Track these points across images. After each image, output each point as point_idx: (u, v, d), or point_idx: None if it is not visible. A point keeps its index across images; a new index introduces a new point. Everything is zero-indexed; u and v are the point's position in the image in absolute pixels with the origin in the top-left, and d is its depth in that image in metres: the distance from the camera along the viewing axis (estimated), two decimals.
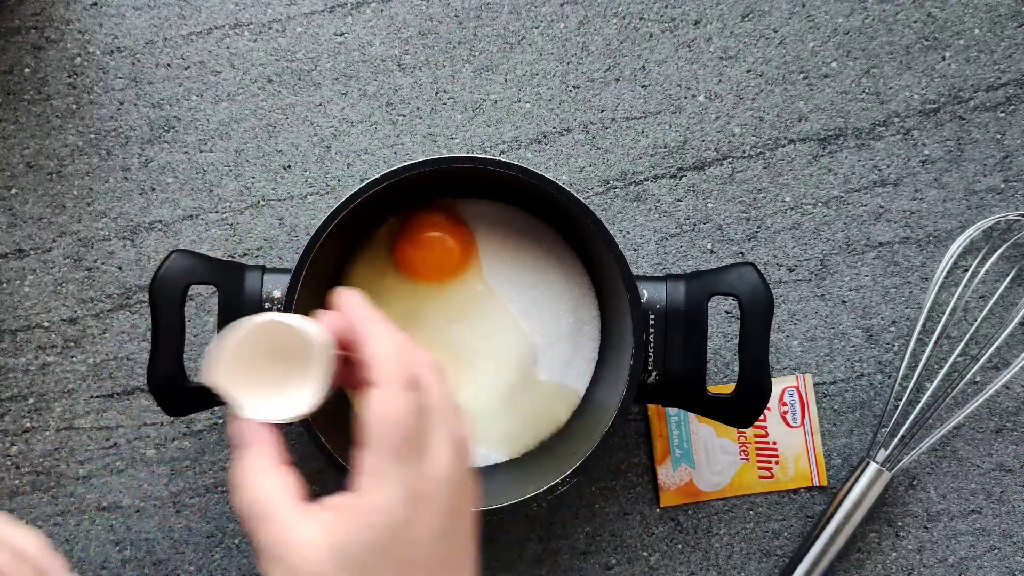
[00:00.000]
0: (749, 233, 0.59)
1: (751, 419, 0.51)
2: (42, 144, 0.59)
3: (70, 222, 0.59)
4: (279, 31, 0.59)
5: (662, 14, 0.60)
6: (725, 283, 0.51)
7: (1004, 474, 0.59)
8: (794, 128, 0.59)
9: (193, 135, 0.59)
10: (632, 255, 0.59)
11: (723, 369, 0.59)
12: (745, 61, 0.60)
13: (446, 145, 0.59)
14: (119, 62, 0.59)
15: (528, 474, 0.53)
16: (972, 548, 0.59)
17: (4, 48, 0.59)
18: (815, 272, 0.59)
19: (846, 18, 0.60)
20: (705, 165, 0.59)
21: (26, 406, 0.58)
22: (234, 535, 0.58)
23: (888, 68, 0.60)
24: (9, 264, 0.59)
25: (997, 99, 0.60)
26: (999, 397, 0.59)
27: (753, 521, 0.59)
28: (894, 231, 0.59)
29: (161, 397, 0.51)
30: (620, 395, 0.49)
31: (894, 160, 0.59)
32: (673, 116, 0.59)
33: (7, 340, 0.58)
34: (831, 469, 0.59)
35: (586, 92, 0.59)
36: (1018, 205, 0.59)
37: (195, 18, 0.59)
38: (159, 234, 0.59)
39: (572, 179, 0.59)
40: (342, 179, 0.59)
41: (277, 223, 0.59)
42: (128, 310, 0.59)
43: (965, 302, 0.59)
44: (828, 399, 0.59)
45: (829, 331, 0.59)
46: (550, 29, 0.60)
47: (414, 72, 0.59)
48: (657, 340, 0.51)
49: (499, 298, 0.55)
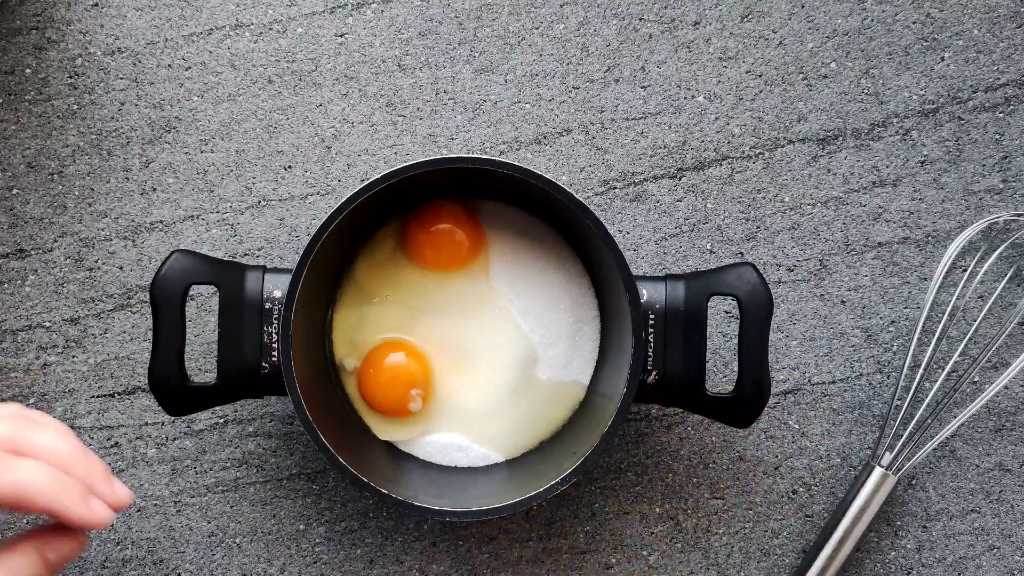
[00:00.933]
0: (748, 233, 0.59)
1: (751, 419, 0.51)
2: (43, 144, 0.59)
3: (71, 222, 0.59)
4: (280, 32, 0.59)
5: (662, 15, 0.60)
6: (725, 283, 0.51)
7: (1003, 474, 0.59)
8: (793, 129, 0.60)
9: (194, 135, 0.59)
10: (632, 255, 0.59)
11: (723, 369, 0.59)
12: (744, 62, 0.60)
13: (446, 146, 0.60)
14: (120, 63, 0.59)
15: (528, 474, 0.53)
16: (971, 548, 0.59)
17: (5, 49, 0.59)
18: (814, 272, 0.59)
19: (845, 19, 0.60)
20: (705, 165, 0.59)
21: (26, 406, 0.58)
22: (235, 535, 0.58)
23: (887, 69, 0.60)
24: (10, 264, 0.59)
25: (996, 99, 0.60)
26: (998, 397, 0.59)
27: (753, 521, 0.59)
28: (893, 231, 0.59)
29: (162, 397, 0.51)
30: (620, 395, 0.49)
31: (893, 160, 0.60)
32: (673, 116, 0.60)
33: (8, 340, 0.58)
34: (830, 469, 0.59)
35: (586, 93, 0.60)
36: (1017, 205, 0.59)
37: (196, 19, 0.60)
38: (160, 234, 0.59)
39: (572, 179, 0.60)
40: (343, 179, 0.59)
41: (278, 223, 0.59)
42: (129, 310, 0.59)
43: (964, 302, 0.59)
44: (828, 399, 0.59)
45: (828, 331, 0.59)
46: (550, 30, 0.60)
47: (414, 73, 0.60)
48: (657, 340, 0.51)
49: (499, 297, 0.55)
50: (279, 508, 0.58)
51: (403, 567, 0.58)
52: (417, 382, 0.54)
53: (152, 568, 0.58)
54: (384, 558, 0.58)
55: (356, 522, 0.59)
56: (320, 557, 0.58)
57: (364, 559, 0.58)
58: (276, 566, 0.58)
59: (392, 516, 0.59)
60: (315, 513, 0.58)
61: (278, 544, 0.58)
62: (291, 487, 0.58)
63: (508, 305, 0.55)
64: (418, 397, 0.54)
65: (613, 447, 0.59)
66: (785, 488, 0.59)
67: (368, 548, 0.59)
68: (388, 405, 0.54)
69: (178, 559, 0.58)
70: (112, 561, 0.58)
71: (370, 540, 0.59)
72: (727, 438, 0.59)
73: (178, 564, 0.58)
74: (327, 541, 0.58)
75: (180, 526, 0.58)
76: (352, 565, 0.58)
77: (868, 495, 0.56)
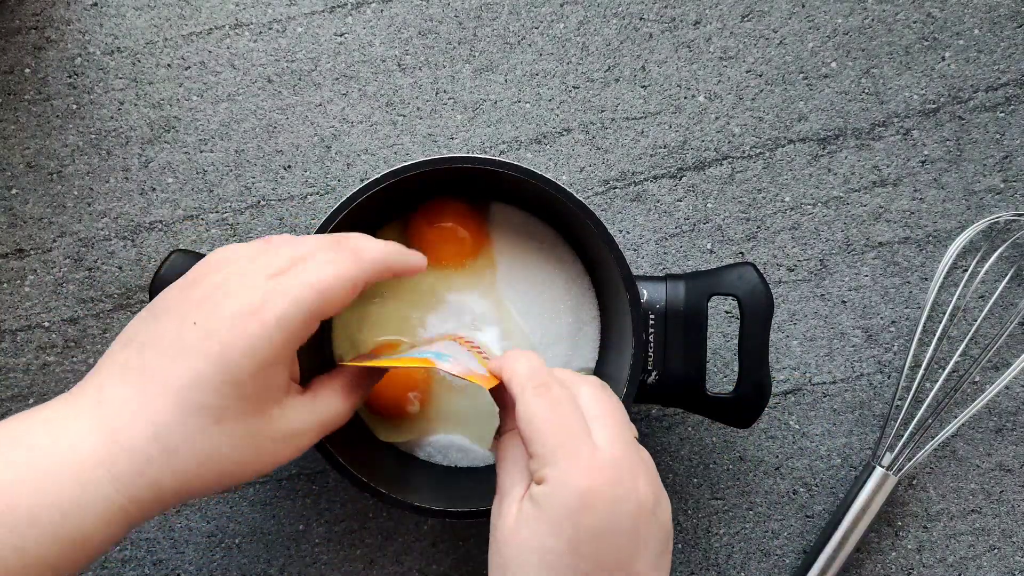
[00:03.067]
0: (749, 233, 0.59)
1: (751, 419, 0.51)
2: (42, 144, 0.59)
3: (70, 222, 0.59)
4: (279, 31, 0.59)
5: (662, 14, 0.60)
6: (725, 283, 0.51)
7: (1004, 474, 0.59)
8: (794, 128, 0.59)
9: (193, 135, 0.59)
10: (632, 255, 0.59)
11: (723, 369, 0.59)
12: (745, 61, 0.60)
13: (446, 145, 0.60)
14: (119, 62, 0.59)
15: None
16: (971, 548, 0.59)
17: (4, 48, 0.59)
18: (815, 272, 0.59)
19: (846, 18, 0.60)
20: (705, 165, 0.59)
21: (27, 406, 0.58)
22: (234, 535, 0.58)
23: (888, 68, 0.60)
24: (9, 264, 0.59)
25: (997, 99, 0.60)
26: (999, 397, 0.59)
27: (753, 521, 0.59)
28: (894, 231, 0.59)
29: None
30: (620, 395, 0.49)
31: (894, 160, 0.59)
32: (673, 116, 0.59)
33: (7, 340, 0.58)
34: (831, 469, 0.59)
35: (586, 92, 0.59)
36: (1017, 205, 0.59)
37: (195, 18, 0.59)
38: (159, 234, 0.59)
39: (572, 179, 0.59)
40: (342, 179, 0.59)
41: (277, 223, 0.59)
42: (129, 310, 0.59)
43: (965, 302, 0.59)
44: (828, 399, 0.59)
45: (829, 331, 0.59)
46: (550, 29, 0.60)
47: (414, 72, 0.59)
48: (657, 340, 0.51)
49: (500, 297, 0.55)
50: (279, 508, 0.58)
51: (403, 567, 0.58)
52: (414, 384, 0.54)
53: (152, 568, 0.58)
54: (384, 558, 0.58)
55: (356, 522, 0.59)
56: (320, 557, 0.58)
57: (364, 559, 0.58)
58: (276, 566, 0.58)
59: (392, 516, 0.59)
60: (315, 513, 0.58)
61: (278, 544, 0.58)
62: (291, 487, 0.58)
63: (508, 305, 0.55)
64: (416, 399, 0.54)
65: None
66: (785, 488, 0.59)
67: (368, 548, 0.58)
68: (386, 407, 0.54)
69: (178, 559, 0.58)
70: (112, 561, 0.58)
71: (370, 540, 0.58)
72: (727, 438, 0.59)
73: (178, 564, 0.58)
74: (327, 541, 0.58)
75: (180, 526, 0.58)
76: (352, 565, 0.58)
77: (869, 495, 0.56)
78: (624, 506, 0.38)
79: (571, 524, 0.37)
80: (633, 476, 0.39)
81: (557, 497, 0.37)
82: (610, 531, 0.37)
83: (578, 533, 0.37)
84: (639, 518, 0.38)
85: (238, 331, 0.38)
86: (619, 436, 0.39)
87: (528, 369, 0.41)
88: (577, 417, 0.39)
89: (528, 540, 0.38)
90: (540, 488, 0.38)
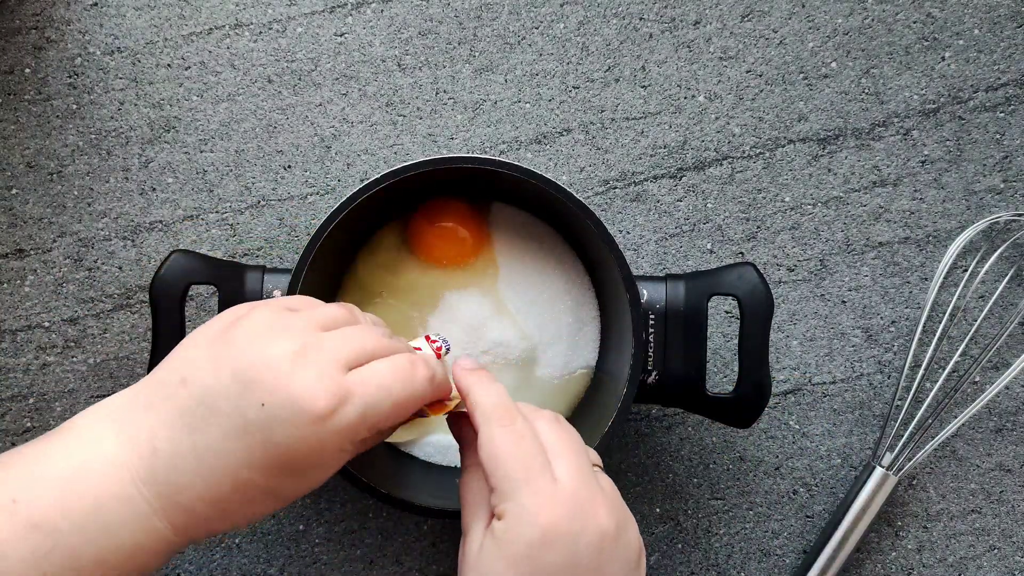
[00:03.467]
0: (749, 233, 0.59)
1: (751, 419, 0.51)
2: (42, 144, 0.59)
3: (70, 222, 0.59)
4: (279, 31, 0.59)
5: (662, 14, 0.60)
6: (725, 283, 0.51)
7: (1004, 474, 0.59)
8: (794, 128, 0.59)
9: (193, 135, 0.59)
10: (632, 255, 0.59)
11: (723, 369, 0.59)
12: (745, 61, 0.60)
13: (446, 145, 0.60)
14: (119, 62, 0.59)
15: None
16: (972, 548, 0.59)
17: (4, 48, 0.59)
18: (815, 272, 0.59)
19: (846, 18, 0.60)
20: (705, 165, 0.59)
21: (26, 406, 0.58)
22: (235, 535, 0.58)
23: (888, 68, 0.60)
24: (9, 264, 0.59)
25: (997, 99, 0.60)
26: (999, 397, 0.59)
27: (753, 521, 0.59)
28: (894, 231, 0.59)
29: None
30: (620, 395, 0.49)
31: (894, 160, 0.59)
32: (673, 116, 0.59)
33: (7, 340, 0.58)
34: (831, 469, 0.59)
35: (586, 92, 0.59)
36: (1017, 205, 0.59)
37: (195, 18, 0.59)
38: (159, 234, 0.59)
39: (572, 179, 0.59)
40: (342, 179, 0.59)
41: (277, 223, 0.59)
42: (128, 310, 0.59)
43: (965, 302, 0.59)
44: (828, 399, 0.59)
45: (829, 331, 0.59)
46: (550, 29, 0.60)
47: (414, 72, 0.59)
48: (657, 340, 0.51)
49: (500, 297, 0.55)
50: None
51: (403, 567, 0.58)
52: None
53: None
54: (384, 558, 0.58)
55: (356, 522, 0.59)
56: (320, 557, 0.58)
57: (364, 559, 0.58)
58: (276, 566, 0.58)
59: (392, 516, 0.59)
60: (315, 513, 0.58)
61: (278, 544, 0.58)
62: None
63: (508, 305, 0.55)
64: None
65: (613, 447, 0.59)
66: (785, 488, 0.59)
67: (368, 548, 0.58)
68: None
69: (178, 559, 0.58)
70: None
71: (370, 540, 0.58)
72: (727, 438, 0.59)
73: (178, 564, 0.58)
74: (327, 541, 0.58)
75: None
76: (352, 565, 0.58)
77: (869, 495, 0.56)
78: (584, 538, 0.38)
79: (529, 562, 0.37)
80: (593, 507, 0.39)
81: (515, 532, 0.38)
82: (571, 566, 0.38)
83: (536, 571, 0.37)
84: (602, 548, 0.38)
85: (305, 432, 0.37)
86: (578, 469, 0.40)
87: (494, 401, 0.41)
88: (538, 451, 0.40)
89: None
90: (500, 524, 0.39)
